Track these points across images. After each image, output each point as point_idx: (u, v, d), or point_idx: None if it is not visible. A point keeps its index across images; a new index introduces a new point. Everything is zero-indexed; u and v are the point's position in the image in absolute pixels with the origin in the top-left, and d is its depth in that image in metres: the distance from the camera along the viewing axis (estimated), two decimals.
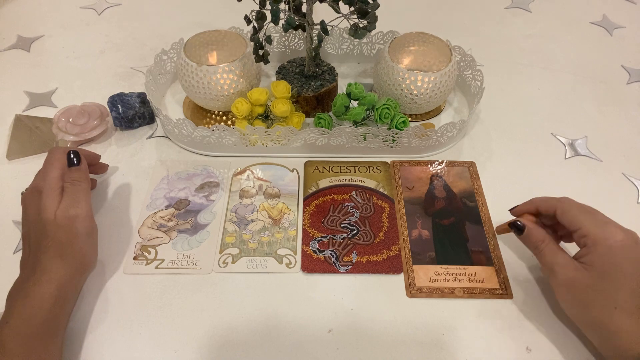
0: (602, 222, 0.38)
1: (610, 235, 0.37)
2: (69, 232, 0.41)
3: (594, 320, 0.37)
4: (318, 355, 0.41)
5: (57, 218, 0.41)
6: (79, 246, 0.41)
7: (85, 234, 0.42)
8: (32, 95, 0.64)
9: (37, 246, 0.40)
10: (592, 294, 0.37)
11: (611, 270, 0.37)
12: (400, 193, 0.53)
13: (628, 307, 0.36)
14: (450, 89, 0.56)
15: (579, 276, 0.38)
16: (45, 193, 0.42)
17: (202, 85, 0.54)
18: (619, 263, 0.36)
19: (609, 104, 0.64)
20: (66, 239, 0.40)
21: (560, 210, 0.41)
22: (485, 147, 0.58)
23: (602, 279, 0.37)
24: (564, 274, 0.39)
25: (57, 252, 0.40)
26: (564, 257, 0.40)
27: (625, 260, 0.36)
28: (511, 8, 0.82)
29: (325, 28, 0.50)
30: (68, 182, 0.44)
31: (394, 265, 0.46)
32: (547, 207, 0.42)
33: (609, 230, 0.37)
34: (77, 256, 0.41)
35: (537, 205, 0.43)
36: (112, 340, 0.41)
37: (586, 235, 0.38)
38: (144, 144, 0.58)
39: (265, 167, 0.55)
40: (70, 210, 0.41)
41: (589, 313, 0.38)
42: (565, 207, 0.41)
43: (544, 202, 0.43)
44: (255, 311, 0.43)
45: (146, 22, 0.77)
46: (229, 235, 0.49)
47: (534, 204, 0.44)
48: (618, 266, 0.36)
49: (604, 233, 0.37)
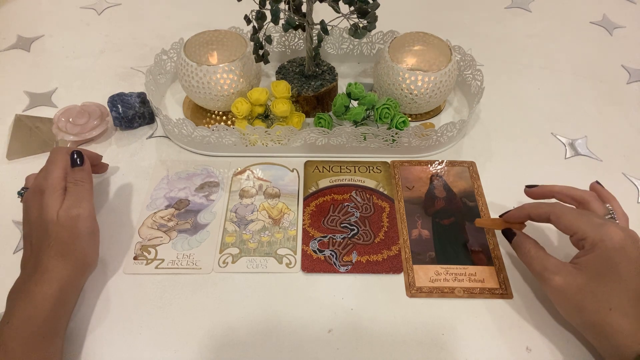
0: (598, 224, 0.38)
1: (607, 236, 0.37)
2: (71, 231, 0.41)
3: (589, 323, 0.37)
4: (318, 355, 0.41)
5: (60, 217, 0.41)
6: (81, 246, 0.41)
7: (87, 234, 0.42)
8: (32, 95, 0.64)
9: (38, 246, 0.40)
10: (586, 296, 0.37)
11: (606, 272, 0.36)
12: (400, 193, 0.53)
13: (623, 307, 0.36)
14: (450, 89, 0.56)
15: (570, 280, 0.38)
16: (48, 192, 0.42)
17: (202, 85, 0.54)
18: (616, 264, 0.36)
19: (609, 104, 0.64)
20: (68, 238, 0.40)
21: (554, 216, 0.40)
22: (485, 147, 0.58)
23: (596, 281, 0.37)
24: (555, 279, 0.38)
25: (59, 251, 0.40)
26: (554, 262, 0.40)
27: (622, 261, 0.36)
28: (511, 8, 0.82)
29: (325, 28, 0.50)
30: (71, 182, 0.44)
31: (394, 265, 0.46)
32: (539, 213, 0.42)
33: (606, 231, 0.37)
34: (79, 256, 0.41)
35: (528, 211, 0.43)
36: (112, 340, 0.41)
37: (584, 239, 0.38)
38: (144, 144, 0.58)
39: (265, 167, 0.55)
40: (72, 210, 0.41)
41: (584, 315, 0.37)
42: (558, 212, 0.40)
43: (535, 209, 0.42)
44: (255, 311, 0.43)
45: (146, 22, 0.77)
46: (229, 235, 0.49)
47: (525, 210, 0.43)
48: (614, 267, 0.36)
49: (602, 235, 0.37)
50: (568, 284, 0.38)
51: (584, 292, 0.37)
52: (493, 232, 0.49)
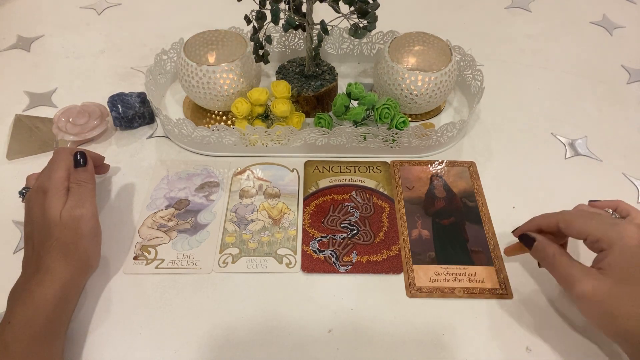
0: (610, 223, 0.37)
1: (624, 233, 0.35)
2: (74, 232, 0.41)
3: (621, 330, 0.35)
4: (318, 355, 0.41)
5: (63, 218, 0.40)
6: (83, 247, 0.41)
7: (90, 235, 0.42)
8: (32, 95, 0.64)
9: (40, 245, 0.40)
10: (615, 301, 0.35)
11: (633, 271, 0.35)
12: (400, 193, 0.53)
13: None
14: (450, 89, 0.56)
15: (598, 284, 0.35)
16: (51, 192, 0.42)
17: (202, 85, 0.54)
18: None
19: (609, 104, 0.64)
20: (71, 239, 0.40)
21: (563, 223, 0.39)
22: (485, 147, 0.58)
23: (624, 282, 0.35)
24: (581, 285, 0.36)
25: (61, 252, 0.40)
26: (580, 267, 0.37)
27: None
28: (511, 8, 0.82)
29: (325, 28, 0.50)
30: (74, 182, 0.44)
31: (394, 265, 0.46)
32: (548, 223, 0.41)
33: (621, 229, 0.36)
34: (82, 257, 0.41)
35: (538, 223, 0.42)
36: (112, 340, 0.41)
37: (599, 240, 0.37)
38: (144, 144, 0.58)
39: (265, 167, 0.55)
40: (75, 211, 0.41)
41: (615, 323, 0.35)
42: (567, 218, 0.39)
43: (544, 219, 0.42)
44: (255, 311, 0.43)
45: (146, 22, 0.77)
46: (229, 235, 0.49)
47: (535, 222, 0.42)
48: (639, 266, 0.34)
49: (617, 233, 0.36)
50: (595, 290, 0.35)
51: (613, 297, 0.35)
52: (493, 232, 0.49)
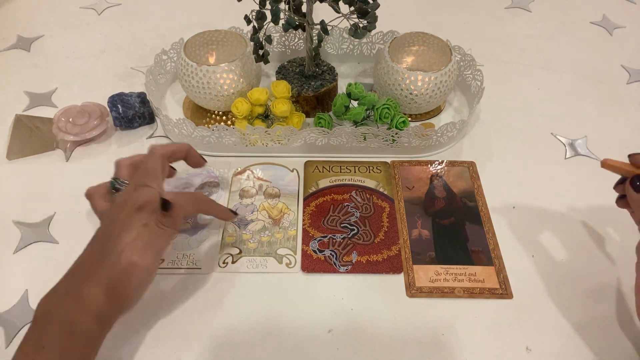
0: None
1: None
2: (121, 277, 0.36)
3: None
4: (318, 355, 0.41)
5: (122, 255, 0.35)
6: (125, 292, 0.36)
7: (137, 285, 0.37)
8: (32, 95, 0.64)
9: (95, 261, 0.36)
10: None
11: None
12: (400, 193, 0.53)
13: None
14: (450, 89, 0.56)
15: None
16: (142, 214, 0.37)
17: (202, 85, 0.54)
18: None
19: (609, 104, 0.64)
20: (117, 282, 0.36)
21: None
22: (485, 147, 0.58)
23: None
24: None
25: (105, 285, 0.35)
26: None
27: None
28: (511, 8, 0.82)
29: (325, 28, 0.50)
30: (155, 220, 0.38)
31: (394, 265, 0.46)
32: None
33: None
34: (123, 303, 0.37)
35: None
36: (111, 340, 0.41)
37: None
38: (144, 144, 0.58)
39: (265, 167, 0.55)
40: (134, 256, 0.36)
41: None
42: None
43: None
44: (255, 311, 0.43)
45: (146, 22, 0.77)
46: (229, 235, 0.49)
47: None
48: None
49: None
50: None
51: None
52: (493, 232, 0.49)
